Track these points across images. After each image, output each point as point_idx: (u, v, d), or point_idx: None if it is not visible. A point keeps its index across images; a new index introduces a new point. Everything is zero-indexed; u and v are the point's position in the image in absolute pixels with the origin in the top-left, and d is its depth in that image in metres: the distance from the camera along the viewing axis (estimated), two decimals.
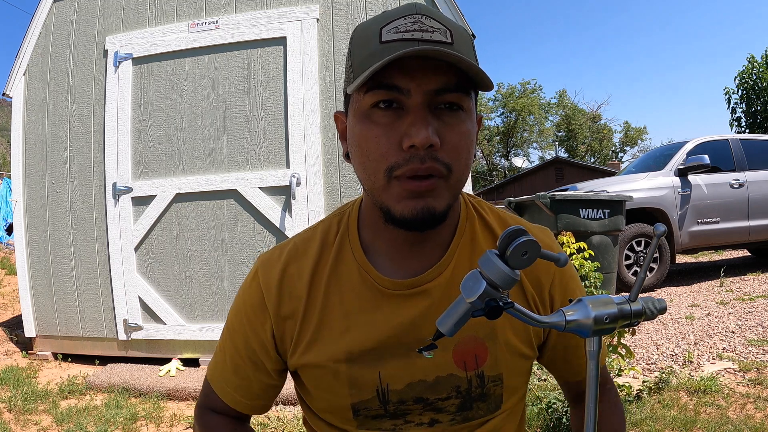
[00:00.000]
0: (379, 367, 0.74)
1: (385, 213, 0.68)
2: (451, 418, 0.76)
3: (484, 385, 0.76)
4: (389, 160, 0.64)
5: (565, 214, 4.18)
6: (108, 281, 3.42)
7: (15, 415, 2.65)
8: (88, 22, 3.53)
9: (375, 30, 0.65)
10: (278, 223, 3.19)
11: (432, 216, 0.66)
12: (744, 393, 2.51)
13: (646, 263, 0.60)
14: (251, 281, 0.80)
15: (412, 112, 0.63)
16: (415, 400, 0.75)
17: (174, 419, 2.59)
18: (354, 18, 3.18)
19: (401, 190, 0.65)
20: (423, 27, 0.63)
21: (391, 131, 0.64)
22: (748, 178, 5.70)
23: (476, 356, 0.75)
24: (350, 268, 0.76)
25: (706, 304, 4.39)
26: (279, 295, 0.77)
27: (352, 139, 0.69)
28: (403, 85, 0.63)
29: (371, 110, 0.65)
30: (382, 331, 0.74)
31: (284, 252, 0.79)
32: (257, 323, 0.77)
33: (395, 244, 0.74)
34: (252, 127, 3.27)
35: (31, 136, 3.62)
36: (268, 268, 0.79)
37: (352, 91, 0.66)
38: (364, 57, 0.64)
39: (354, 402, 0.76)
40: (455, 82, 0.64)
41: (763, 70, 16.43)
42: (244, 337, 0.79)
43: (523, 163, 31.63)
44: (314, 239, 0.79)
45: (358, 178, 0.70)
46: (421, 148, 0.62)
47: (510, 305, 0.54)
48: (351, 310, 0.75)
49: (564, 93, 41.06)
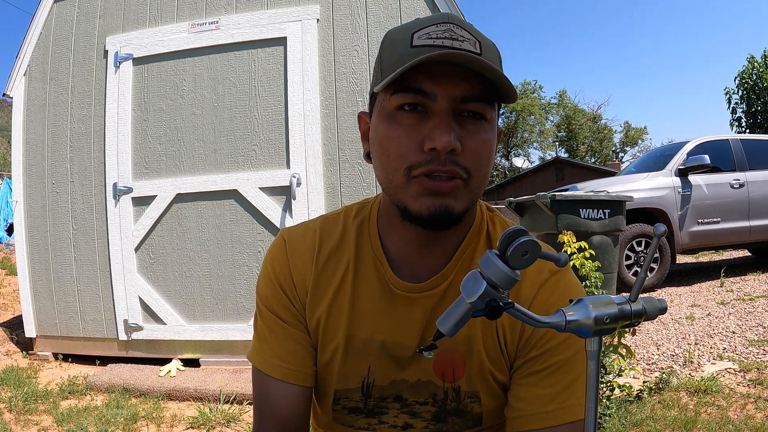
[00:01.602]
0: (370, 361, 0.77)
1: (402, 210, 0.69)
2: (425, 425, 0.77)
3: (459, 399, 0.76)
4: (409, 160, 0.65)
5: (565, 215, 4.17)
6: (108, 281, 3.43)
7: (15, 415, 2.66)
8: (89, 23, 3.53)
9: (407, 35, 0.66)
10: (278, 224, 3.19)
11: (449, 216, 0.66)
12: (744, 393, 2.51)
13: (646, 263, 0.60)
14: (277, 249, 0.82)
15: (436, 116, 0.64)
16: (394, 398, 0.77)
17: (174, 419, 2.59)
18: (354, 18, 3.18)
19: (420, 188, 0.66)
20: (454, 35, 0.64)
21: (414, 132, 0.65)
22: (748, 178, 5.70)
23: (453, 370, 0.75)
24: (367, 257, 0.78)
25: (706, 305, 4.39)
26: (303, 265, 0.79)
27: (375, 138, 0.70)
28: (429, 90, 0.64)
29: (396, 111, 0.66)
30: (382, 326, 0.76)
31: (309, 228, 0.82)
32: (286, 285, 0.80)
33: (406, 244, 0.76)
34: (252, 127, 3.27)
35: (32, 137, 3.62)
36: (294, 241, 0.81)
37: (380, 90, 0.66)
38: (394, 59, 0.65)
39: (338, 389, 0.79)
40: (480, 91, 0.65)
41: (763, 70, 16.43)
42: (280, 301, 0.80)
43: (524, 164, 31.67)
44: (338, 222, 0.82)
45: (378, 177, 0.72)
46: (442, 152, 0.63)
47: (510, 305, 0.54)
48: (360, 295, 0.77)
49: (564, 93, 41.11)
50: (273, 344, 0.79)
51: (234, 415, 2.60)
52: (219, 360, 3.26)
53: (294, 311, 0.79)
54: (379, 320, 0.76)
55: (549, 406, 0.70)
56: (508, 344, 0.75)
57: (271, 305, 0.80)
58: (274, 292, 0.79)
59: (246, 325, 3.20)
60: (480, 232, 0.79)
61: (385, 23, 3.13)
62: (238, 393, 2.80)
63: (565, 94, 41.13)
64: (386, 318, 0.76)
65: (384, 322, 0.76)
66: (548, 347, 0.71)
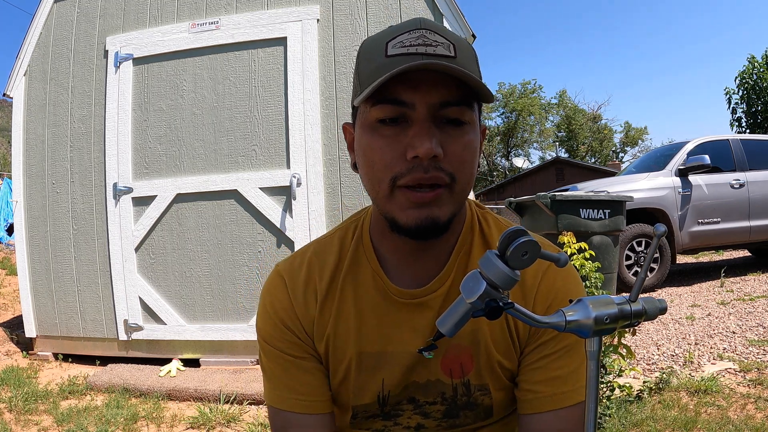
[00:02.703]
0: (382, 374, 0.77)
1: (390, 222, 0.70)
2: (437, 424, 0.79)
3: (470, 393, 0.77)
4: (393, 170, 0.66)
5: (565, 215, 4.17)
6: (108, 281, 3.43)
7: (15, 415, 2.66)
8: (89, 23, 3.53)
9: (381, 44, 0.67)
10: (279, 224, 3.19)
11: (436, 225, 0.67)
12: (744, 393, 2.50)
13: (646, 263, 0.60)
14: (276, 287, 0.81)
15: (416, 124, 0.65)
16: (408, 400, 0.78)
17: (174, 419, 2.60)
18: (354, 18, 3.18)
19: (405, 200, 0.66)
20: (427, 41, 0.65)
21: (395, 143, 0.66)
22: (748, 179, 5.70)
23: (461, 365, 0.76)
24: (365, 272, 0.78)
25: (706, 305, 4.39)
26: (305, 299, 0.79)
27: (359, 149, 0.71)
28: (407, 99, 0.64)
29: (377, 123, 0.67)
30: (391, 337, 0.77)
31: (305, 258, 0.81)
32: (290, 321, 0.79)
33: (400, 252, 0.76)
34: (252, 127, 3.27)
35: (32, 137, 3.62)
36: (293, 275, 0.80)
37: (359, 103, 0.67)
38: (371, 71, 0.66)
39: (355, 404, 0.79)
40: (458, 95, 0.65)
41: (763, 70, 16.41)
42: (285, 337, 0.79)
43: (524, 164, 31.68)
44: (332, 244, 0.82)
45: (365, 188, 0.72)
46: (424, 159, 0.64)
47: (510, 305, 0.54)
48: (364, 311, 0.77)
49: (564, 93, 41.08)
50: (285, 381, 0.78)
51: (234, 415, 2.60)
52: (219, 360, 3.26)
53: (301, 344, 0.78)
54: (387, 332, 0.76)
55: (564, 387, 0.73)
56: (520, 331, 0.76)
57: (275, 343, 0.79)
58: (277, 330, 0.78)
59: (246, 325, 3.20)
60: (473, 229, 0.79)
61: (385, 23, 3.12)
62: (239, 393, 2.80)
63: (565, 94, 41.10)
64: (394, 328, 0.76)
65: (392, 332, 0.76)
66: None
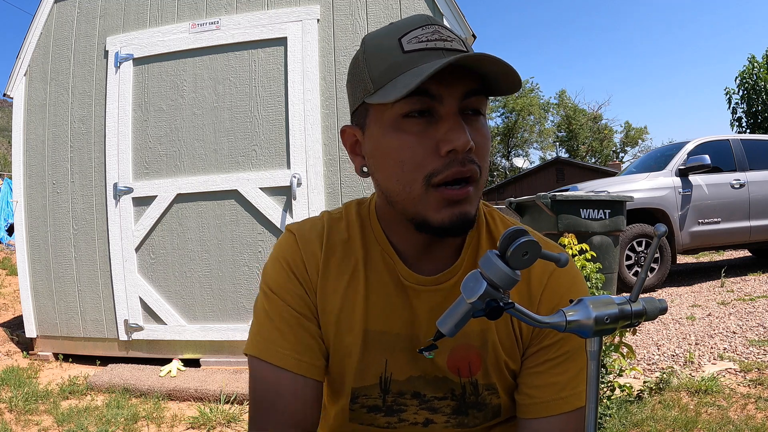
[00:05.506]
0: (386, 354, 0.76)
1: (419, 222, 0.68)
2: (446, 420, 0.77)
3: (478, 393, 0.77)
4: (427, 168, 0.65)
5: (565, 215, 4.17)
6: (109, 282, 3.43)
7: (16, 415, 2.66)
8: (89, 23, 3.53)
9: (392, 41, 0.66)
10: (279, 224, 3.19)
11: (468, 221, 0.67)
12: (745, 393, 2.50)
13: (646, 263, 0.60)
14: (287, 242, 0.78)
15: (446, 117, 0.64)
16: (413, 394, 0.77)
17: (175, 419, 2.60)
18: (355, 18, 3.18)
19: (440, 199, 0.65)
20: (443, 36, 0.65)
21: (425, 138, 0.65)
22: (748, 179, 5.70)
23: (470, 364, 0.76)
24: (375, 253, 0.77)
25: (707, 305, 4.39)
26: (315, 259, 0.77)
27: (380, 150, 0.68)
28: (435, 92, 0.63)
29: (402, 119, 0.65)
30: (397, 319, 0.76)
31: (315, 221, 0.80)
32: (300, 275, 0.76)
33: (413, 246, 0.75)
34: (253, 127, 3.27)
35: (32, 137, 3.62)
36: (303, 233, 0.79)
37: (392, 100, 0.63)
38: (387, 67, 0.65)
39: (355, 386, 0.77)
40: (477, 86, 0.66)
41: (763, 70, 16.38)
42: (295, 290, 0.75)
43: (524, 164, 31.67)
44: (342, 218, 0.80)
45: (386, 190, 0.70)
46: (461, 152, 0.64)
47: (510, 306, 0.54)
48: (372, 289, 0.76)
49: (564, 93, 41.09)
50: (287, 336, 0.73)
51: (234, 415, 2.60)
52: (219, 360, 3.26)
53: (307, 300, 0.75)
54: (393, 314, 0.76)
55: (563, 392, 0.72)
56: (524, 331, 0.76)
57: (283, 294, 0.75)
58: (288, 280, 0.75)
59: (246, 325, 3.20)
60: (480, 226, 0.79)
61: (385, 23, 3.10)
62: (239, 393, 2.80)
63: (565, 94, 41.14)
64: (401, 311, 0.76)
65: (398, 315, 0.76)
66: (562, 335, 0.73)
